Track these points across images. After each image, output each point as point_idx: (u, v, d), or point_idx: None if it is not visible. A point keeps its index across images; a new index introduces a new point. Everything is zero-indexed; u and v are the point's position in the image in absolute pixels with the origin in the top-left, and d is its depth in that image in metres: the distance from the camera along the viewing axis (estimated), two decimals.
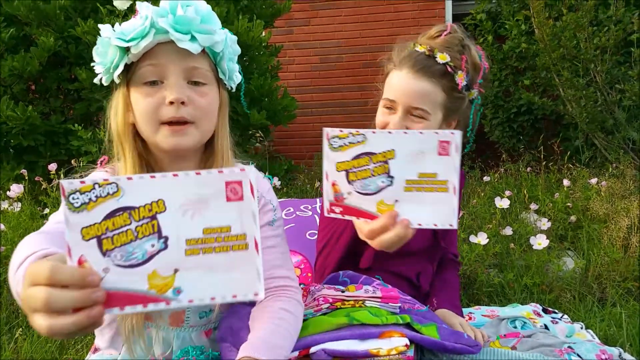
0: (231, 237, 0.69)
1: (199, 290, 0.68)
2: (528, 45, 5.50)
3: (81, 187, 0.66)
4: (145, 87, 1.00)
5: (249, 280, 0.69)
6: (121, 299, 0.66)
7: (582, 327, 1.67)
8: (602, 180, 3.80)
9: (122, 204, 0.67)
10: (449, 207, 0.95)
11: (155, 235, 0.67)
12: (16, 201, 3.17)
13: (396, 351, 0.96)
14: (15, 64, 3.38)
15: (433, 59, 1.28)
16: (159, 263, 0.67)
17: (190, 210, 0.68)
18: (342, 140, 0.93)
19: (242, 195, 0.69)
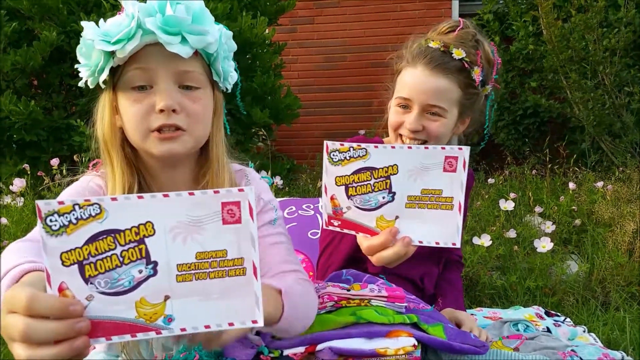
0: (227, 262, 0.65)
1: (192, 318, 0.64)
2: (535, 47, 5.46)
3: (59, 208, 0.61)
4: (134, 92, 0.93)
5: (246, 307, 0.65)
6: (107, 328, 0.62)
7: (585, 331, 1.64)
8: (608, 184, 3.76)
9: (105, 227, 0.62)
10: (453, 224, 0.93)
11: (143, 260, 0.63)
12: (19, 196, 3.16)
13: (404, 351, 0.94)
14: (18, 58, 3.37)
15: (449, 55, 1.25)
16: (148, 290, 0.63)
17: (182, 234, 0.63)
18: (343, 154, 0.91)
19: (239, 217, 0.64)
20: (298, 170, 5.03)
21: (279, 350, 0.94)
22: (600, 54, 4.64)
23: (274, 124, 4.50)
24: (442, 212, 0.92)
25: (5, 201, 3.17)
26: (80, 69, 0.96)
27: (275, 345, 0.94)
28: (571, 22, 4.73)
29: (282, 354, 0.93)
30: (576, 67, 4.80)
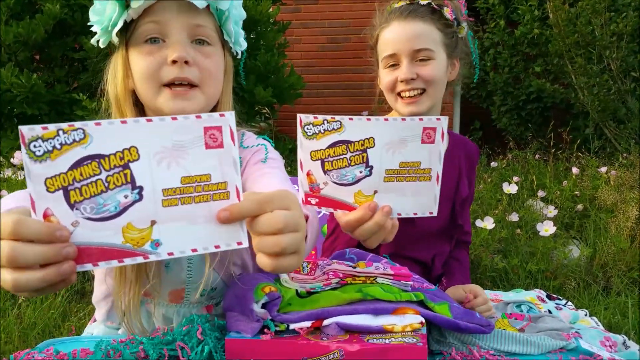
0: (211, 186, 0.65)
1: (179, 242, 0.64)
2: (541, 31, 5.41)
3: (43, 133, 0.59)
4: (146, 45, 0.92)
5: (231, 230, 0.65)
6: (94, 254, 0.62)
7: (587, 314, 1.65)
8: (612, 169, 3.75)
9: (90, 152, 0.61)
10: (431, 195, 0.92)
11: (129, 185, 0.62)
12: (20, 169, 3.15)
13: (411, 328, 0.93)
14: (21, 30, 3.33)
15: (417, 4, 1.29)
16: (134, 215, 0.63)
17: (166, 159, 0.63)
18: (317, 128, 0.87)
19: (221, 142, 0.64)
20: None
21: (285, 324, 0.93)
22: (607, 38, 4.61)
23: (277, 103, 4.47)
24: (421, 183, 0.91)
25: (6, 174, 3.16)
26: (94, 26, 0.94)
27: (281, 319, 0.93)
28: (578, 6, 4.68)
29: (288, 328, 0.92)
30: (582, 52, 4.77)
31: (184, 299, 1.05)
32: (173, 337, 0.91)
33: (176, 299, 1.05)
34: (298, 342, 0.89)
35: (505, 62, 5.90)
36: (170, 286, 1.03)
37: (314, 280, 1.04)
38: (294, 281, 1.04)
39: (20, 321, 2.26)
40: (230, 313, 0.96)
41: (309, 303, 0.98)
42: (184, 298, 1.05)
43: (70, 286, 2.53)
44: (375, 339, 0.90)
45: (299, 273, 1.06)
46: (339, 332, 0.93)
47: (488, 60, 6.03)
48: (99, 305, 1.10)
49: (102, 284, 1.06)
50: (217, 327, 0.96)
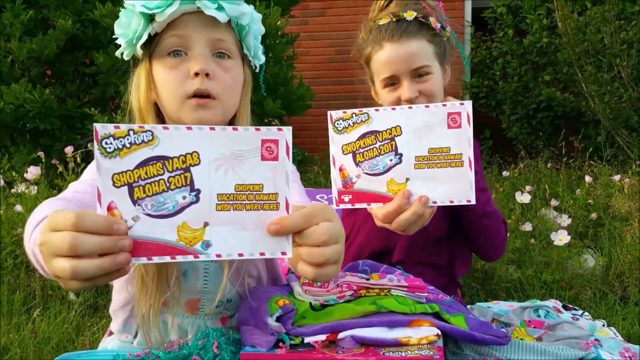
0: (263, 195, 0.69)
1: (227, 245, 0.68)
2: (550, 40, 5.40)
3: (115, 132, 0.65)
4: (169, 58, 0.96)
5: (277, 239, 0.69)
6: (149, 249, 0.66)
7: (604, 325, 1.62)
8: (625, 177, 3.71)
9: (156, 153, 0.66)
10: (466, 181, 0.92)
11: (188, 187, 0.67)
12: (33, 184, 3.17)
13: (426, 340, 0.92)
14: (34, 47, 3.38)
15: (403, 21, 1.30)
16: (190, 215, 0.67)
17: (224, 166, 0.67)
18: (346, 122, 0.91)
19: (277, 155, 0.69)
20: (309, 162, 5.02)
21: (300, 337, 0.92)
22: (617, 46, 4.58)
23: (286, 115, 4.49)
24: (453, 169, 0.91)
25: (19, 189, 3.18)
26: (119, 39, 0.98)
27: (295, 332, 0.93)
28: (587, 15, 4.67)
29: (302, 341, 0.91)
30: (592, 60, 4.75)
31: (199, 309, 1.06)
32: (189, 351, 0.91)
33: (192, 310, 1.06)
34: (313, 355, 0.88)
35: (514, 71, 5.88)
36: (187, 296, 1.04)
37: (328, 293, 1.04)
38: (308, 294, 1.03)
39: (35, 336, 2.26)
40: (245, 327, 0.95)
41: (323, 316, 0.97)
42: (199, 309, 1.06)
43: (83, 300, 2.54)
44: (391, 352, 0.89)
45: (312, 286, 1.06)
46: (355, 346, 0.92)
47: (497, 69, 6.03)
48: (116, 314, 1.10)
49: (121, 292, 1.07)
50: (233, 341, 0.95)
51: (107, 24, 3.34)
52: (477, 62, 6.16)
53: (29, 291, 2.63)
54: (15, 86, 3.34)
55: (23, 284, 2.64)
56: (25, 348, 2.16)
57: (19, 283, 2.64)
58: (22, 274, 2.66)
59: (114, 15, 3.28)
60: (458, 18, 6.24)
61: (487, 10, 6.07)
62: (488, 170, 4.95)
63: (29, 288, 2.64)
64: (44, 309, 2.46)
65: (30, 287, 2.64)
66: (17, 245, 2.69)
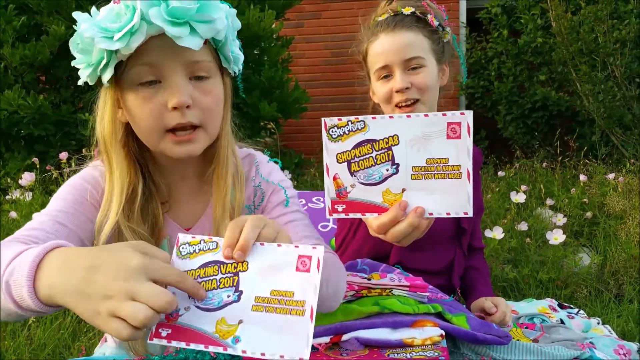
0: (292, 302, 0.74)
1: (253, 343, 0.73)
2: (544, 40, 5.42)
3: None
4: (142, 88, 0.87)
5: (298, 344, 0.73)
6: (188, 335, 0.73)
7: (599, 323, 1.63)
8: (619, 176, 3.73)
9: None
10: (463, 193, 0.89)
11: (233, 288, 0.75)
12: (27, 190, 3.16)
13: (430, 341, 0.92)
14: (27, 53, 3.37)
15: (401, 14, 1.31)
16: (229, 312, 0.74)
17: (264, 273, 0.75)
18: (341, 129, 0.88)
19: (309, 267, 0.75)
20: (306, 165, 5.02)
21: None
22: (611, 45, 4.60)
23: (282, 118, 4.48)
24: (451, 181, 0.89)
25: (14, 195, 3.17)
26: (78, 66, 0.88)
27: None
28: (580, 15, 4.69)
29: None
30: (586, 59, 4.77)
31: None
32: (186, 356, 0.90)
33: None
34: (317, 358, 0.88)
35: (509, 71, 5.90)
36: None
37: None
38: None
39: (31, 342, 2.25)
40: None
41: (325, 317, 0.97)
42: None
43: None
44: (396, 354, 0.89)
45: None
46: (359, 347, 0.92)
47: (492, 69, 6.04)
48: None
49: None
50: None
51: None
52: (473, 63, 6.17)
53: None
54: (8, 92, 3.34)
55: None
56: (21, 355, 2.15)
57: None
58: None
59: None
60: (453, 19, 6.26)
61: (482, 11, 6.09)
62: (484, 170, 4.96)
63: None
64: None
65: None
66: None
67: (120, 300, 0.62)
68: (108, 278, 0.63)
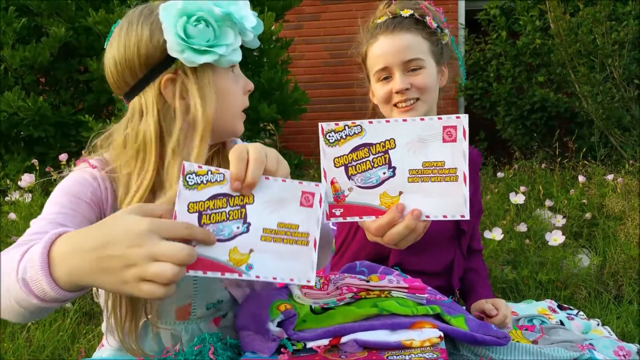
0: (297, 233, 0.82)
1: (265, 269, 0.81)
2: (542, 41, 5.43)
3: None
4: (231, 73, 1.00)
5: (305, 269, 0.83)
6: (205, 264, 0.77)
7: (599, 324, 1.63)
8: (618, 177, 3.74)
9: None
10: (460, 196, 0.90)
11: (242, 220, 0.80)
12: (27, 192, 3.16)
13: (429, 343, 0.91)
14: (27, 54, 3.37)
15: (400, 17, 1.33)
16: (240, 242, 0.80)
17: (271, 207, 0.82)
18: (338, 134, 0.90)
19: (312, 203, 0.83)
20: (305, 166, 5.02)
21: (302, 342, 0.92)
22: (609, 47, 4.62)
23: (281, 119, 4.49)
24: (447, 184, 0.90)
25: (13, 197, 3.17)
26: (200, 45, 0.91)
27: (297, 337, 0.93)
28: (579, 16, 4.71)
29: (305, 347, 0.91)
30: (584, 61, 4.78)
31: (190, 314, 1.05)
32: (185, 358, 0.91)
33: (183, 316, 1.05)
34: None
35: (508, 72, 5.91)
36: (176, 302, 1.03)
37: (328, 296, 1.04)
38: (307, 297, 1.03)
39: (30, 344, 2.25)
40: (245, 332, 0.95)
41: (324, 319, 0.97)
42: (190, 313, 1.05)
43: (78, 308, 2.53)
44: (394, 356, 0.89)
45: (311, 289, 1.06)
46: (357, 349, 0.92)
47: (491, 71, 6.05)
48: (109, 333, 1.07)
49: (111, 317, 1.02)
50: (230, 347, 0.95)
51: (101, 31, 3.34)
52: (471, 64, 6.19)
53: None
54: (8, 94, 3.34)
55: None
56: (20, 357, 2.16)
57: None
58: None
59: (107, 22, 3.28)
60: (451, 20, 6.27)
61: (481, 13, 6.10)
62: (483, 172, 4.97)
63: None
64: None
65: None
66: None
67: (144, 264, 0.67)
68: (123, 248, 0.67)
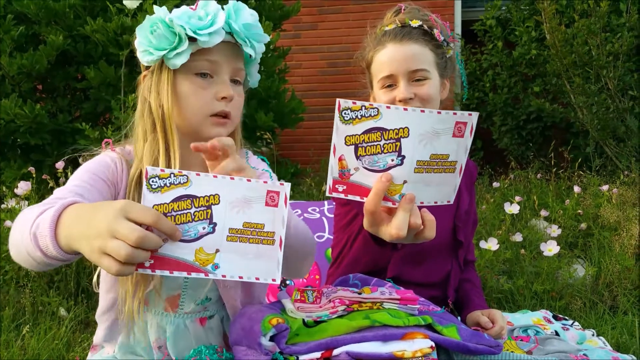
0: (263, 232, 0.84)
1: (231, 269, 0.83)
2: (538, 52, 5.47)
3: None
4: (198, 78, 1.04)
5: (270, 269, 0.84)
6: (171, 264, 0.81)
7: (594, 334, 1.64)
8: (613, 187, 3.75)
9: (187, 192, 0.81)
10: (452, 184, 0.93)
11: (207, 220, 0.82)
12: (23, 199, 3.15)
13: (421, 353, 0.92)
14: (25, 62, 3.36)
15: (409, 26, 1.33)
16: (206, 242, 0.82)
17: (237, 207, 0.83)
18: (354, 113, 0.88)
19: (277, 202, 0.84)
20: (302, 175, 5.02)
21: (294, 356, 0.92)
22: (604, 58, 4.66)
23: (278, 128, 4.49)
24: (446, 175, 0.92)
25: (10, 204, 3.16)
26: (144, 48, 1.03)
27: (290, 351, 0.93)
28: (574, 27, 4.75)
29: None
30: (580, 72, 4.81)
31: (179, 306, 1.09)
32: None
33: (172, 307, 1.09)
34: None
35: (504, 82, 5.94)
36: (168, 291, 1.08)
37: (320, 309, 1.04)
38: (300, 311, 1.03)
39: (24, 352, 2.24)
40: (238, 347, 0.95)
41: (317, 332, 0.98)
42: (179, 306, 1.09)
43: (74, 316, 2.52)
44: None
45: (304, 302, 1.06)
46: None
47: (487, 81, 6.09)
48: (101, 319, 1.14)
49: (109, 292, 1.11)
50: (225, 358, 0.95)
51: (98, 39, 3.35)
52: (468, 74, 6.22)
53: (18, 307, 2.61)
54: (6, 101, 3.33)
55: (12, 300, 2.62)
56: None
57: (8, 299, 2.62)
58: (11, 289, 2.64)
59: (104, 30, 3.28)
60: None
61: (477, 23, 6.14)
62: (479, 181, 4.99)
63: (19, 304, 2.62)
64: (34, 325, 2.44)
65: (20, 303, 2.62)
66: (6, 261, 2.67)
67: (105, 237, 0.73)
68: (100, 220, 0.75)
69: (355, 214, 1.43)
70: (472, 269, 1.61)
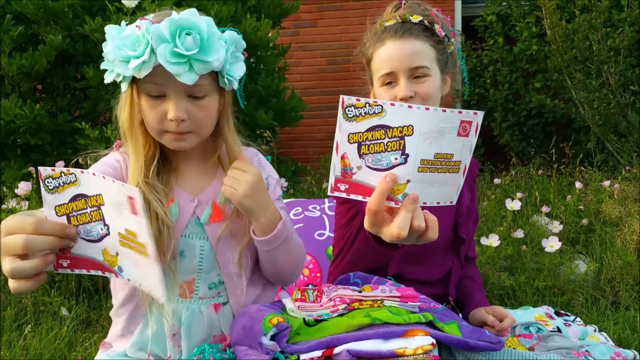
0: (137, 242, 0.82)
1: (132, 275, 0.85)
2: (539, 47, 5.46)
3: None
4: (150, 99, 1.05)
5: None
6: (87, 263, 0.84)
7: (596, 330, 1.63)
8: (615, 183, 3.74)
9: (80, 191, 0.82)
10: (455, 185, 0.91)
11: (101, 221, 0.83)
12: (23, 199, 3.15)
13: (422, 350, 0.92)
14: (24, 62, 3.36)
15: (409, 22, 1.31)
16: (107, 244, 0.84)
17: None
18: (358, 110, 0.85)
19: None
20: (302, 173, 5.02)
21: (295, 355, 0.92)
22: (605, 53, 4.64)
23: (278, 126, 4.49)
24: (449, 175, 0.90)
25: (10, 205, 3.16)
26: (106, 67, 1.06)
27: (291, 350, 0.93)
28: (575, 23, 4.73)
29: (298, 359, 0.91)
30: (581, 67, 4.80)
31: (193, 291, 1.10)
32: None
33: (186, 293, 1.10)
34: None
35: (504, 78, 5.93)
36: (182, 276, 1.10)
37: (321, 308, 1.04)
38: (301, 310, 1.03)
39: (27, 352, 2.25)
40: (239, 347, 0.95)
41: (317, 331, 0.97)
42: (193, 291, 1.10)
43: (75, 315, 2.52)
44: None
45: (305, 301, 1.06)
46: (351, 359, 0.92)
47: (488, 77, 6.08)
48: (118, 313, 1.15)
49: (123, 289, 1.13)
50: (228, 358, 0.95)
51: (97, 38, 3.34)
52: (468, 71, 6.20)
53: (20, 307, 2.61)
54: (5, 102, 3.33)
55: (14, 300, 2.62)
56: None
57: (10, 299, 2.62)
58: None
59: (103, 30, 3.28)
60: None
61: (477, 19, 6.13)
62: (480, 178, 4.98)
63: (21, 304, 2.62)
64: (36, 325, 2.45)
65: (22, 303, 2.62)
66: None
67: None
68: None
69: (356, 211, 1.42)
70: (473, 265, 1.61)
